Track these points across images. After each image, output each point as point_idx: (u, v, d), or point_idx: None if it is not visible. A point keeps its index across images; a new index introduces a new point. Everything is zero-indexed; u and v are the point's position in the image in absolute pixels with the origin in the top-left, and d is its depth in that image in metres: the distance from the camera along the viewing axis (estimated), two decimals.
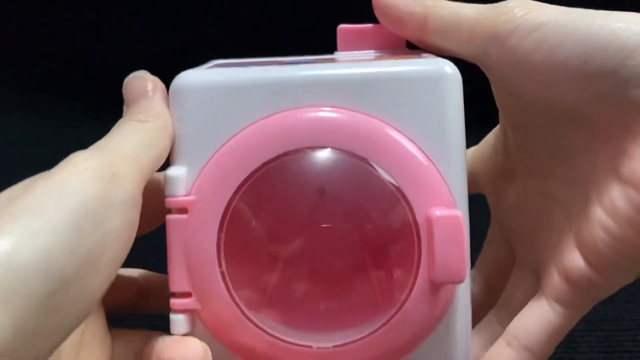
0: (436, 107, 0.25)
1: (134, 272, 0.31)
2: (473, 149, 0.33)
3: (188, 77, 0.26)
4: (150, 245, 0.29)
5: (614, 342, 0.30)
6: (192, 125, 0.26)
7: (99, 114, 0.82)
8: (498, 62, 0.26)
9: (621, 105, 0.24)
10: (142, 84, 0.27)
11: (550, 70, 0.24)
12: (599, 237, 0.25)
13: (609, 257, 0.25)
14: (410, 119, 0.26)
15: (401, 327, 0.25)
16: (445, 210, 0.24)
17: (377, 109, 0.26)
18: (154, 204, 0.25)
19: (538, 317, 0.27)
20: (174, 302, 0.26)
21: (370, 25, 0.30)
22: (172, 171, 0.26)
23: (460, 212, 0.24)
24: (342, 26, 0.30)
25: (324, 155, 0.25)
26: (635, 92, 0.23)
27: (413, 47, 0.29)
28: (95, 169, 0.21)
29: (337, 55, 0.30)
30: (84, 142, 0.23)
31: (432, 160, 0.25)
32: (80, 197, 0.20)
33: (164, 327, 0.26)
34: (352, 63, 0.27)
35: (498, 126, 0.31)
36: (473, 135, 0.29)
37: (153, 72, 0.28)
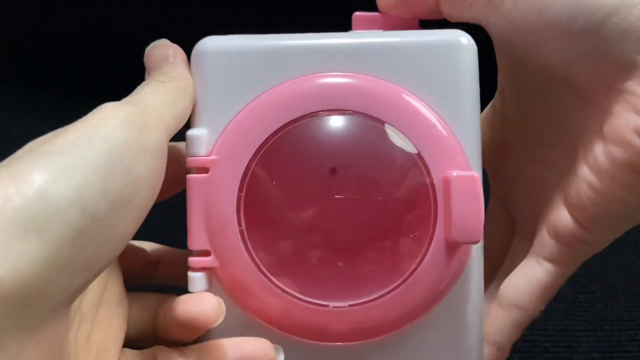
0: (453, 75, 0.27)
1: (144, 244, 0.32)
2: None
3: (210, 42, 0.27)
4: (157, 221, 0.29)
5: (614, 342, 0.30)
6: (213, 88, 0.27)
7: None
8: (496, 26, 0.27)
9: (603, 64, 0.25)
10: (163, 50, 0.28)
11: (540, 31, 0.26)
12: (585, 193, 0.26)
13: (594, 212, 0.26)
14: (428, 85, 0.26)
15: (416, 287, 0.26)
16: (462, 172, 0.25)
17: (395, 76, 0.27)
18: (172, 171, 0.25)
19: (528, 276, 0.27)
20: (193, 260, 0.26)
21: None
22: (194, 131, 0.26)
23: (476, 173, 0.25)
24: (357, 14, 0.30)
25: (341, 119, 0.26)
26: (615, 49, 0.24)
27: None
28: (125, 117, 0.22)
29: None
30: None
31: (449, 125, 0.26)
32: (110, 141, 0.21)
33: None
34: (371, 33, 0.28)
35: (494, 99, 0.32)
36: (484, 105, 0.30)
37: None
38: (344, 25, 0.30)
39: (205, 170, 0.26)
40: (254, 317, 0.26)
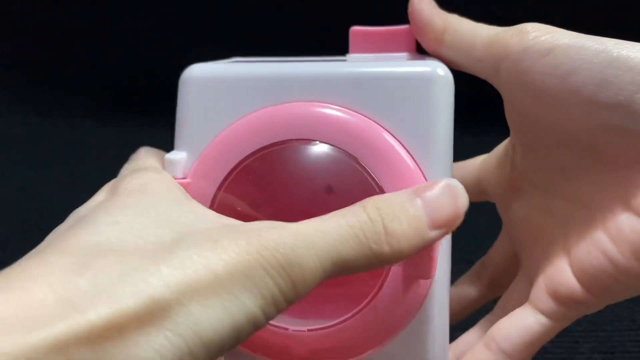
0: (424, 108, 0.26)
1: None
2: (483, 157, 0.33)
3: (193, 69, 0.28)
4: None
5: (615, 342, 0.30)
6: (194, 113, 0.28)
7: (99, 114, 0.82)
8: (509, 83, 0.26)
9: (631, 138, 0.24)
10: None
11: (562, 96, 0.24)
12: (598, 261, 0.25)
13: (604, 281, 0.25)
14: (399, 118, 0.26)
15: (373, 316, 0.26)
16: None
17: (367, 107, 0.26)
18: None
19: (520, 324, 0.27)
20: None
21: (382, 28, 0.30)
22: (171, 155, 0.27)
23: None
24: (354, 28, 0.30)
25: (309, 148, 0.26)
26: None
27: (424, 52, 0.30)
28: None
29: (348, 57, 0.31)
30: (84, 142, 0.23)
31: (416, 160, 0.26)
32: None
33: None
34: (352, 63, 0.28)
35: (508, 139, 0.31)
36: (480, 136, 0.29)
37: (153, 72, 0.28)
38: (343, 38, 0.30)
39: None
40: None
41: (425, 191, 0.23)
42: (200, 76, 0.28)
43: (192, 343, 0.17)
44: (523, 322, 0.27)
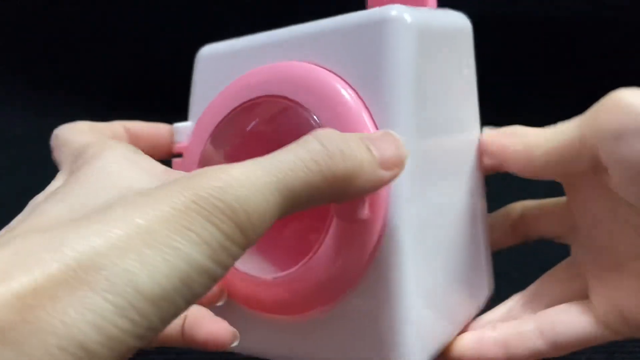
0: (376, 55, 0.24)
1: None
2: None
3: (205, 49, 0.32)
4: None
5: (616, 342, 0.29)
6: (199, 87, 0.31)
7: (99, 114, 0.82)
8: (613, 167, 0.24)
9: None
10: None
11: None
12: None
13: None
14: (355, 68, 0.25)
15: (316, 268, 0.25)
16: None
17: (330, 61, 0.26)
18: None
19: (583, 332, 0.27)
20: None
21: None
22: (178, 124, 0.31)
23: None
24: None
25: (273, 102, 0.27)
26: None
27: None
28: None
29: None
30: None
31: (369, 110, 0.25)
32: None
33: None
34: (326, 20, 0.27)
35: (569, 259, 0.30)
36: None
37: (153, 72, 0.28)
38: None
39: (180, 155, 0.31)
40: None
41: (369, 136, 0.22)
42: (204, 54, 0.31)
43: (134, 300, 0.16)
44: (585, 330, 0.27)
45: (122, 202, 0.18)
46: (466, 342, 0.28)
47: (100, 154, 0.22)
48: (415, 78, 0.24)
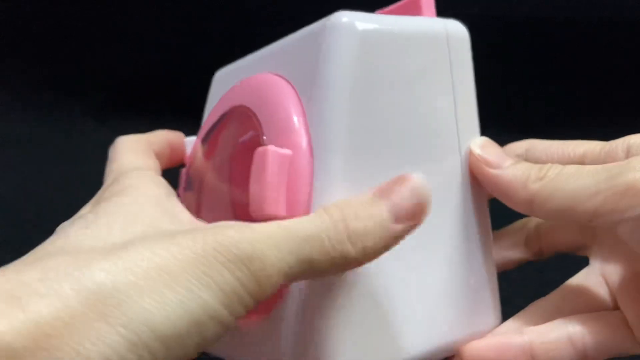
0: (316, 62, 0.24)
1: None
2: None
3: (218, 72, 0.34)
4: None
5: None
6: (209, 106, 0.33)
7: (99, 114, 0.82)
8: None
9: None
10: None
11: None
12: None
13: None
14: (302, 75, 0.25)
15: None
16: (272, 148, 0.24)
17: (284, 68, 0.26)
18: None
19: (616, 344, 0.26)
20: None
21: (395, 4, 0.29)
22: (188, 138, 0.32)
23: (284, 150, 0.23)
24: (378, 12, 0.29)
25: (238, 110, 0.28)
26: None
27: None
28: None
29: None
30: (84, 142, 0.23)
31: (306, 116, 0.24)
32: None
33: None
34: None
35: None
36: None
37: (153, 72, 0.28)
38: None
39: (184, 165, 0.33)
40: None
41: (388, 190, 0.22)
42: (216, 76, 0.34)
43: (147, 338, 0.16)
44: (617, 342, 0.26)
45: (146, 241, 0.18)
46: (488, 347, 0.27)
47: (135, 190, 0.23)
48: (353, 87, 0.24)
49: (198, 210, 0.30)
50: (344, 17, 0.24)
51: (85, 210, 0.24)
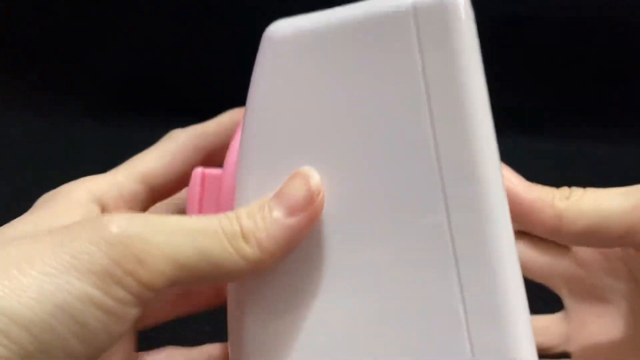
0: (256, 71, 0.23)
1: None
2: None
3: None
4: None
5: None
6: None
7: (99, 114, 0.82)
8: None
9: None
10: None
11: None
12: None
13: None
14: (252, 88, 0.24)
15: None
16: (198, 169, 0.27)
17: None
18: None
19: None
20: None
21: None
22: None
23: (207, 170, 0.27)
24: None
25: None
26: None
27: None
28: None
29: None
30: (84, 142, 0.23)
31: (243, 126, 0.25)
32: None
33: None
34: None
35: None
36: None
37: (153, 72, 0.28)
38: None
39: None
40: None
41: (281, 187, 0.22)
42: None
43: (2, 324, 0.16)
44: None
45: (23, 238, 0.19)
46: None
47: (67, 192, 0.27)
48: (265, 99, 0.23)
49: None
50: (271, 26, 0.23)
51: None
